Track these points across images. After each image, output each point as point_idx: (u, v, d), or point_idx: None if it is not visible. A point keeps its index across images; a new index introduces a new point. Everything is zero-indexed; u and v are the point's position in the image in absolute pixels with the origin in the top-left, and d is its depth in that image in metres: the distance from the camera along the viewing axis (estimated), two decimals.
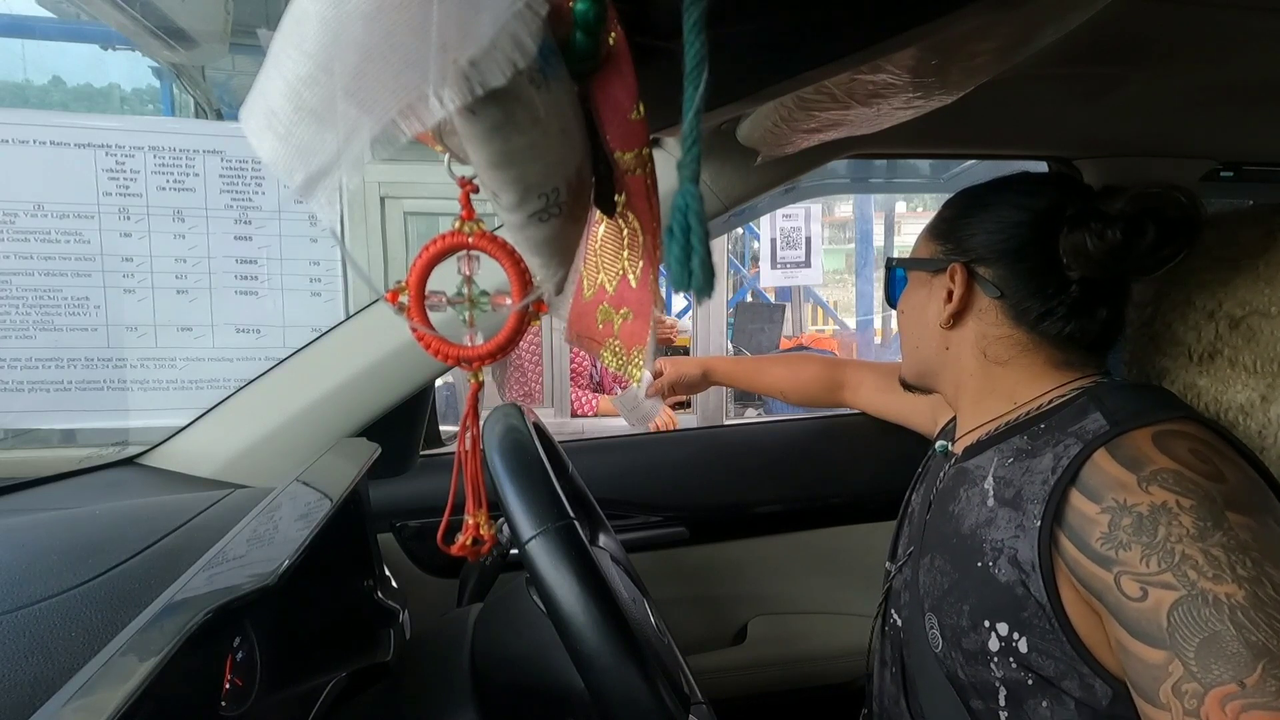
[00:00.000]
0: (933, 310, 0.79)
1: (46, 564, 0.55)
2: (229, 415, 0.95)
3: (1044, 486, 0.64)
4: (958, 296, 0.76)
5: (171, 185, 1.15)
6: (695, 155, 0.24)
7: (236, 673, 0.52)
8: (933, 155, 2.02)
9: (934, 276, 0.79)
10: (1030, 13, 0.48)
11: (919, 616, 0.76)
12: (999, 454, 0.73)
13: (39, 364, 1.10)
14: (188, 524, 0.66)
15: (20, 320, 1.09)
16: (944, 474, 0.81)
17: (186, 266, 1.15)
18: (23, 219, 1.09)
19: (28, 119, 1.10)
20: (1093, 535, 0.59)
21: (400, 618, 0.79)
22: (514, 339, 0.32)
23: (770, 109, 0.71)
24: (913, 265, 0.83)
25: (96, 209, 1.11)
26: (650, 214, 0.35)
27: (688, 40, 0.24)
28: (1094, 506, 0.60)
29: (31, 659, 0.44)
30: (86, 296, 1.12)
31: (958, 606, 0.69)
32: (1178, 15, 0.62)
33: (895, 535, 0.90)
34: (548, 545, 0.58)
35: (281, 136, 0.25)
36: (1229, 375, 0.75)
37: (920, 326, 0.82)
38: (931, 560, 0.75)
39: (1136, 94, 0.84)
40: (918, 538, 0.81)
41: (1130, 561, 0.56)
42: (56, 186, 1.09)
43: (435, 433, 1.13)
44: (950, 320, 0.77)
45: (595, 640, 0.55)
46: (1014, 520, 0.66)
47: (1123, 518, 0.57)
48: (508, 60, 0.22)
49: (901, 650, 0.80)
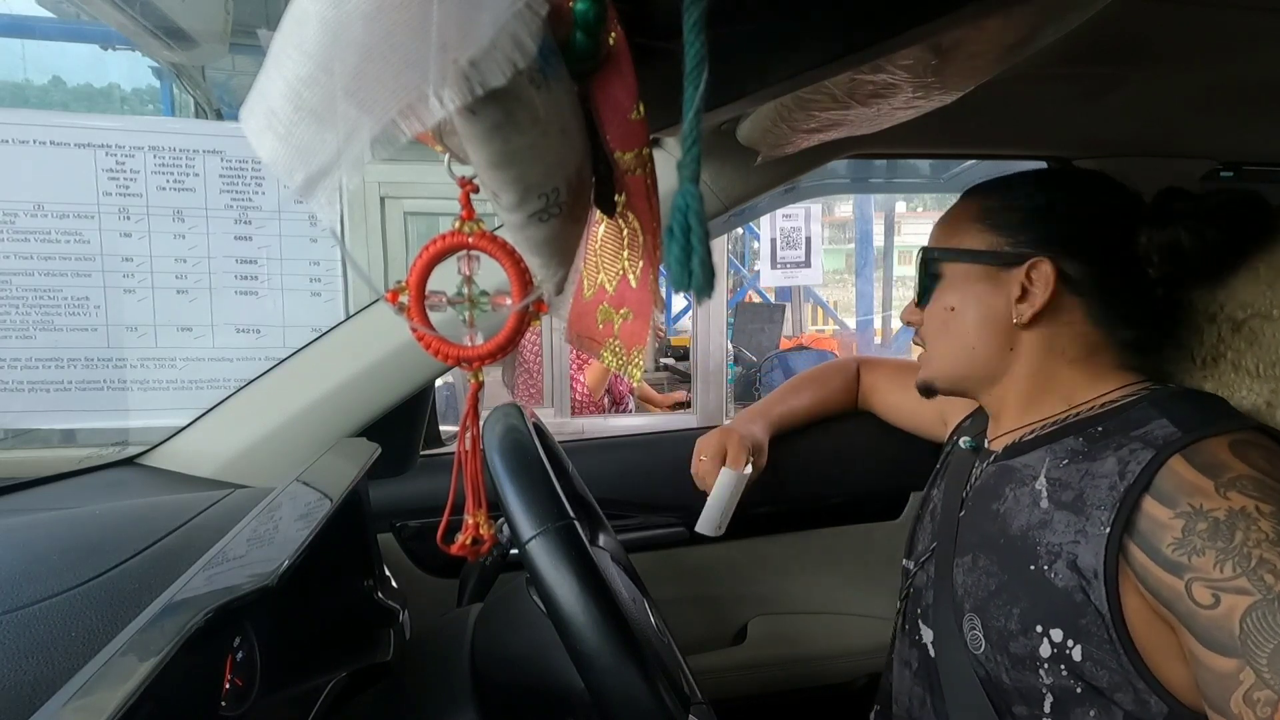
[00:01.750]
0: (999, 307, 0.73)
1: (46, 564, 0.55)
2: (229, 415, 0.95)
3: (1111, 492, 0.62)
4: (1044, 293, 0.70)
5: (171, 185, 1.14)
6: (695, 155, 0.24)
7: (236, 673, 0.52)
8: (933, 155, 2.02)
9: (1003, 270, 0.73)
10: (1030, 13, 0.48)
11: (953, 616, 0.73)
12: (1050, 454, 0.70)
13: (39, 364, 1.10)
14: (188, 524, 0.66)
15: (20, 320, 1.09)
16: (979, 471, 0.79)
17: (187, 266, 1.15)
18: (23, 219, 1.09)
19: (28, 119, 1.10)
20: (1164, 541, 0.57)
21: (400, 618, 0.79)
22: (514, 339, 0.32)
23: (770, 109, 0.71)
24: (977, 258, 0.74)
25: (96, 209, 1.11)
26: (650, 214, 0.35)
27: (688, 40, 0.24)
28: (1168, 512, 0.58)
29: (31, 659, 0.44)
30: (86, 296, 1.12)
31: (1006, 609, 0.67)
32: (1177, 15, 0.62)
33: (912, 532, 0.88)
34: (548, 545, 0.58)
35: (281, 137, 0.25)
36: (1233, 380, 0.74)
37: (980, 325, 0.74)
38: (974, 560, 0.72)
39: (1136, 94, 0.84)
40: (946, 535, 0.79)
41: (1203, 567, 0.54)
42: (56, 186, 1.09)
43: (435, 433, 1.13)
44: (1031, 319, 0.71)
45: (595, 640, 0.55)
46: (1073, 524, 0.64)
47: (1198, 523, 0.56)
48: (508, 60, 0.22)
49: (928, 651, 0.78)
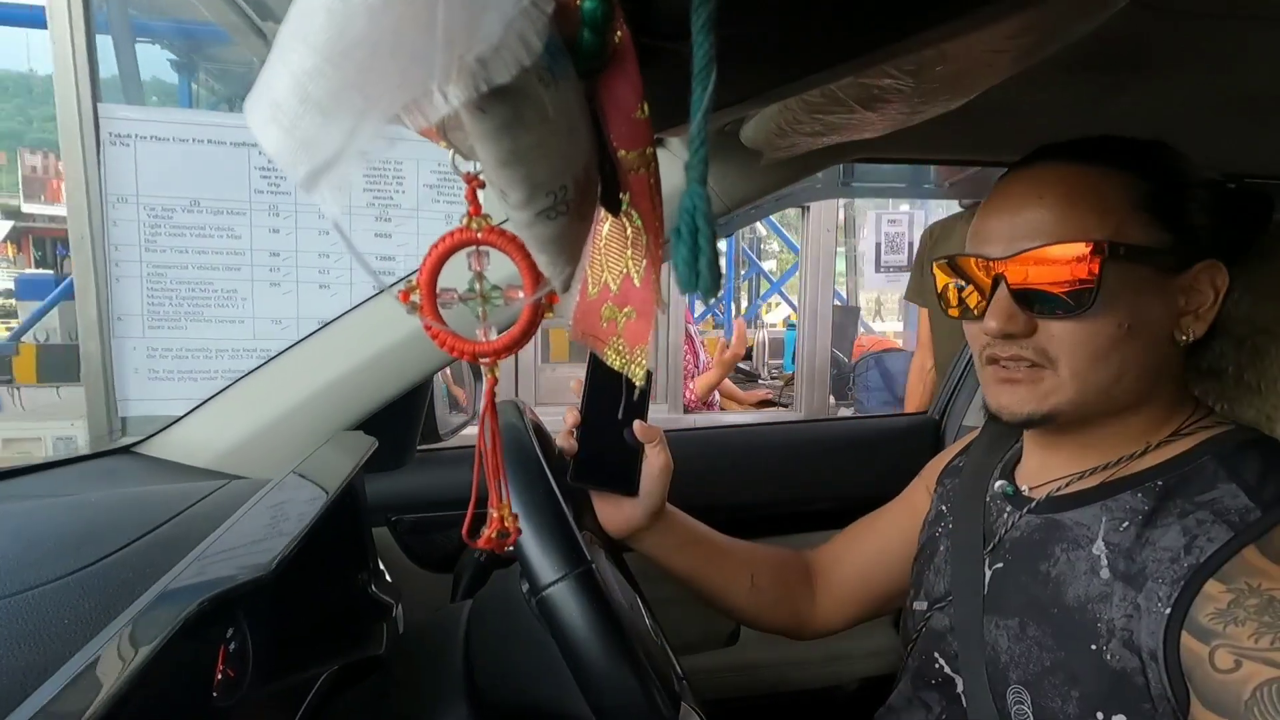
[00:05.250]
0: (1165, 321, 0.62)
1: (41, 550, 0.55)
2: (227, 406, 0.95)
3: (1174, 566, 0.56)
4: (1215, 305, 0.62)
5: None
6: (703, 156, 0.24)
7: (229, 663, 0.52)
8: (934, 161, 2.03)
9: (1169, 275, 0.61)
10: (1036, 21, 0.48)
11: (987, 676, 0.66)
12: (1107, 513, 0.62)
13: (189, 354, 1.16)
14: (183, 513, 0.65)
15: (173, 311, 1.15)
16: (1014, 520, 0.70)
17: (329, 262, 1.22)
18: (180, 214, 1.13)
19: (191, 119, 1.14)
20: (1204, 611, 0.53)
21: (394, 612, 0.79)
22: (529, 332, 0.31)
23: (775, 111, 0.71)
24: (1153, 259, 0.61)
25: (249, 206, 1.17)
26: (653, 214, 0.35)
27: (696, 41, 0.24)
28: (1221, 587, 0.54)
29: (24, 645, 0.44)
30: (235, 289, 1.17)
31: (1064, 690, 0.60)
32: (1182, 26, 0.62)
33: (919, 572, 0.81)
34: (569, 591, 0.58)
35: (286, 129, 0.25)
36: (1234, 394, 0.74)
37: (1151, 344, 0.62)
38: (1021, 627, 0.65)
39: (1139, 103, 0.84)
40: (968, 587, 0.71)
41: (1236, 636, 0.51)
42: (212, 183, 1.13)
43: (433, 427, 1.13)
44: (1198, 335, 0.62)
45: (615, 693, 0.56)
46: (1129, 598, 0.58)
47: (1250, 598, 0.52)
48: (514, 57, 0.22)
49: (960, 702, 0.71)
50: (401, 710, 0.70)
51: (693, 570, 0.88)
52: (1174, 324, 0.62)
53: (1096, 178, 0.62)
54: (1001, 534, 0.71)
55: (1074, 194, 0.62)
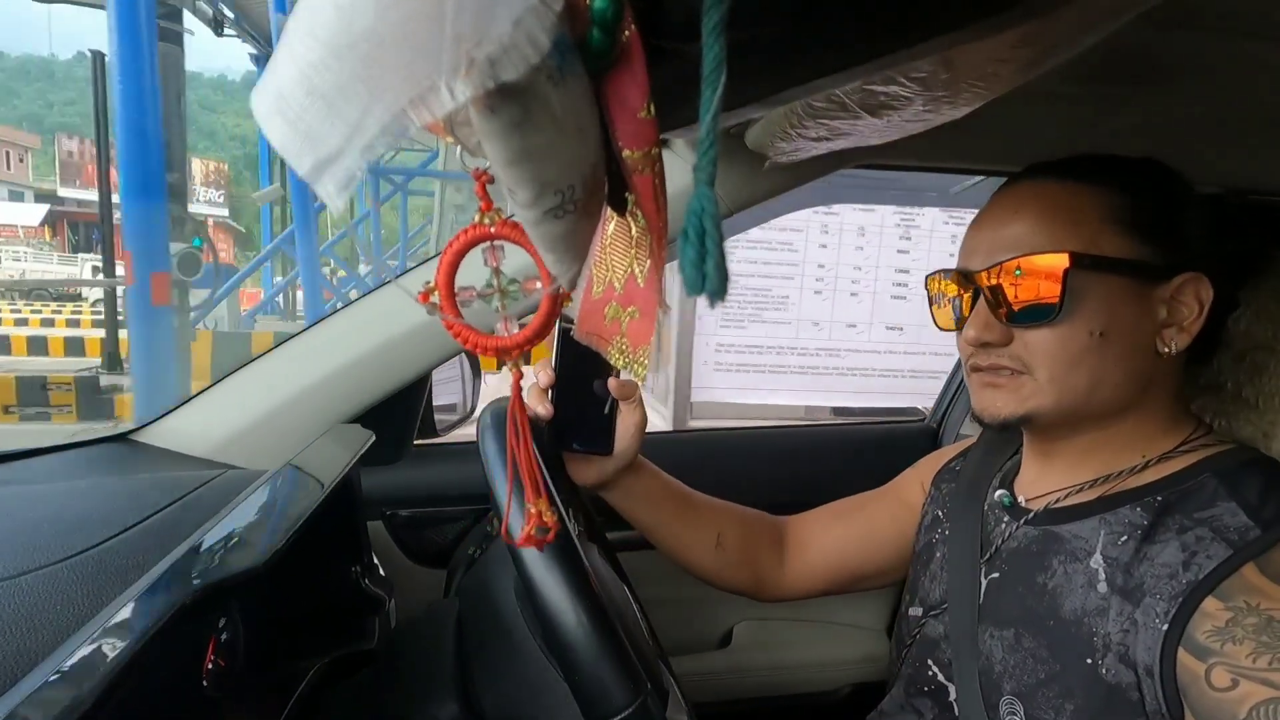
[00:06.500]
0: (1147, 332, 0.63)
1: (35, 536, 0.55)
2: (225, 395, 0.94)
3: (1172, 582, 0.56)
4: (1199, 317, 0.62)
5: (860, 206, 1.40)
6: (711, 158, 0.24)
7: (220, 653, 0.52)
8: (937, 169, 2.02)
9: (1150, 287, 0.62)
10: (1044, 33, 0.48)
11: (980, 684, 0.67)
12: (1105, 526, 0.63)
13: (746, 350, 1.50)
14: (178, 502, 0.65)
15: (738, 314, 1.47)
16: (1010, 530, 0.71)
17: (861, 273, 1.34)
18: (754, 231, 1.32)
19: None
20: (1202, 628, 0.53)
21: (386, 606, 0.79)
22: (549, 323, 0.31)
23: (780, 115, 0.71)
24: (1130, 270, 0.62)
25: (806, 224, 1.42)
26: (657, 215, 0.35)
27: (706, 43, 0.24)
28: (1219, 604, 0.54)
29: (15, 631, 0.44)
30: (787, 295, 1.45)
31: (1058, 704, 0.61)
32: (1188, 40, 0.62)
33: (915, 578, 0.82)
34: None
35: (291, 121, 0.25)
36: (1231, 409, 0.74)
37: (1129, 354, 0.63)
38: (1016, 638, 0.65)
39: (1144, 117, 0.84)
40: (964, 595, 0.72)
41: (1234, 655, 0.51)
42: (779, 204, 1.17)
43: (430, 422, 1.12)
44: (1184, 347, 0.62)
45: None
46: (1126, 613, 0.58)
47: (1248, 617, 0.52)
48: (521, 55, 0.22)
49: (952, 710, 0.72)
50: (392, 705, 0.70)
51: (658, 523, 0.87)
52: (1155, 334, 0.63)
53: (1071, 193, 0.64)
54: (999, 544, 0.72)
55: (1049, 209, 0.64)
